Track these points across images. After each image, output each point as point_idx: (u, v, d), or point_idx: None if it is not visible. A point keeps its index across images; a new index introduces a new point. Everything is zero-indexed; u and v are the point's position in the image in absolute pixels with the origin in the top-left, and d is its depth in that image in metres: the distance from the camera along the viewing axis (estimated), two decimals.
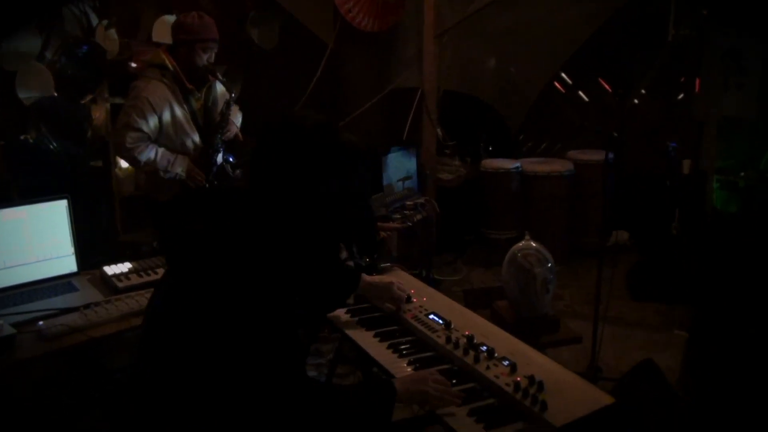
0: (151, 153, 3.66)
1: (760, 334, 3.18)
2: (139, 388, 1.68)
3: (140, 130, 3.60)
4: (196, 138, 3.81)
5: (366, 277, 2.56)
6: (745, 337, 3.23)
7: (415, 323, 2.44)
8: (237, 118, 4.07)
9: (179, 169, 3.72)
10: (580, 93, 6.74)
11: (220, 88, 3.96)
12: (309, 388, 1.73)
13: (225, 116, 3.85)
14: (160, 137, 3.70)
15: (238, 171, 4.03)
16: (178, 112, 3.72)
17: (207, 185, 3.80)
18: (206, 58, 3.71)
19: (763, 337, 3.16)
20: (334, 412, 1.74)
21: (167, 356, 1.62)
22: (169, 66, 3.68)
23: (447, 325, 2.38)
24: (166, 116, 3.67)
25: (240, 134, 4.06)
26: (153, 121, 3.63)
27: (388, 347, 2.33)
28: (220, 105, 3.92)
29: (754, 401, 2.84)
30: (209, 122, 3.88)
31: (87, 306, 2.62)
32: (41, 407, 3.11)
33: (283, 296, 1.64)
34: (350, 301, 2.61)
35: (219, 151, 3.87)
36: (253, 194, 1.68)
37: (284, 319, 1.64)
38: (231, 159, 3.96)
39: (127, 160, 3.84)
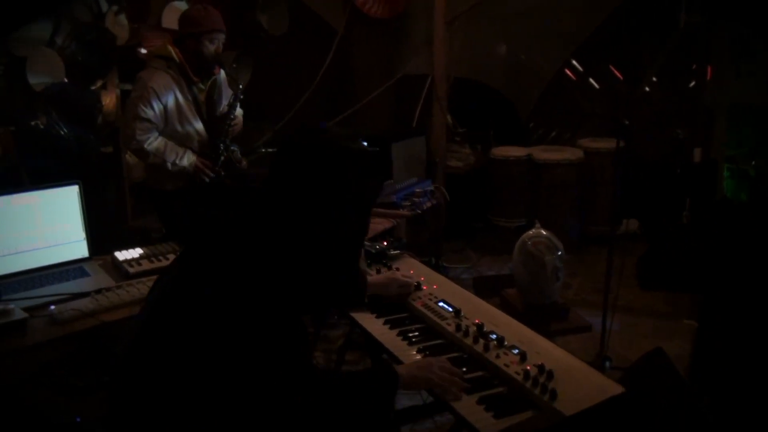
0: (160, 144, 3.68)
1: None
2: (136, 376, 1.68)
3: (148, 119, 3.62)
4: (200, 127, 3.81)
5: (369, 279, 2.56)
6: (756, 327, 3.22)
7: (424, 311, 2.45)
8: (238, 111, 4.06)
9: (186, 162, 3.73)
10: (591, 80, 6.70)
11: (223, 77, 3.97)
12: (312, 374, 1.76)
13: (233, 107, 3.86)
14: (165, 126, 3.71)
15: (244, 161, 4.03)
16: (181, 99, 3.73)
17: (214, 176, 3.81)
18: (213, 48, 3.72)
19: None
20: (336, 398, 1.77)
21: (168, 348, 1.63)
22: (176, 58, 3.69)
23: (457, 312, 2.38)
24: (170, 103, 3.68)
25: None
26: (158, 108, 3.64)
27: (398, 334, 2.33)
28: (226, 96, 3.94)
29: (765, 391, 2.83)
30: (214, 114, 3.89)
31: (98, 291, 2.63)
32: (51, 389, 3.14)
33: (289, 292, 1.67)
34: None
35: (224, 142, 3.87)
36: (270, 195, 1.72)
37: (289, 310, 1.68)
38: (235, 148, 3.96)
39: (135, 152, 3.85)
